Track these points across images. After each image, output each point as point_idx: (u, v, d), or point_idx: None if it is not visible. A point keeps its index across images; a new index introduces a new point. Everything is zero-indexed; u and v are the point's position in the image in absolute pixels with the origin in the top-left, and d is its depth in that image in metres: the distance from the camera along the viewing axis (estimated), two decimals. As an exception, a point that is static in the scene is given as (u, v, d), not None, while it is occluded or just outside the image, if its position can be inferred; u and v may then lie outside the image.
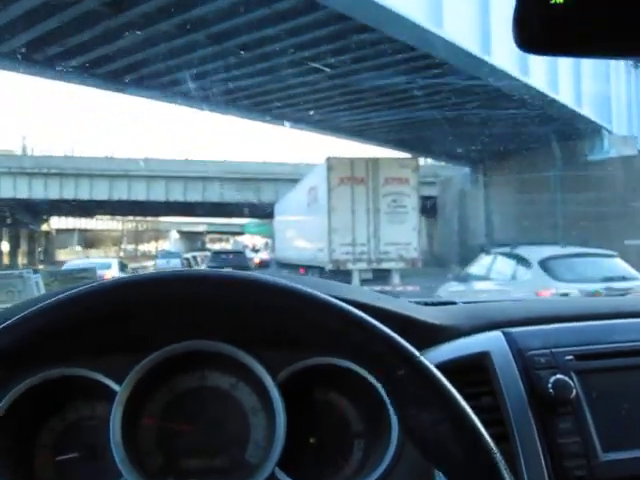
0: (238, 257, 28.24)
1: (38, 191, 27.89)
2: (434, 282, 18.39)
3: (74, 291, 0.79)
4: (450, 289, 10.62)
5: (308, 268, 22.24)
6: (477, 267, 10.94)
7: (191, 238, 74.41)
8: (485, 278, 10.22)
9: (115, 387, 1.08)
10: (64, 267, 19.22)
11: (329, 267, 19.58)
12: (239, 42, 14.10)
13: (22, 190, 27.80)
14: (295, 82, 17.30)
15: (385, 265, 19.77)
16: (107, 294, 0.80)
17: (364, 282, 18.85)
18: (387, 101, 20.00)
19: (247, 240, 72.31)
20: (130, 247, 60.74)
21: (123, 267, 20.11)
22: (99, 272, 16.49)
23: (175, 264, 31.44)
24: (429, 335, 1.22)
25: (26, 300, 1.36)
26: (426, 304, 1.51)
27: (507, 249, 10.15)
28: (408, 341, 0.82)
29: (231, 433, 1.17)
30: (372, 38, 13.78)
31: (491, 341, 1.20)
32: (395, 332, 0.81)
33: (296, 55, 14.67)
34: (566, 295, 5.52)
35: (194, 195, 30.84)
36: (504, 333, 1.22)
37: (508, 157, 22.59)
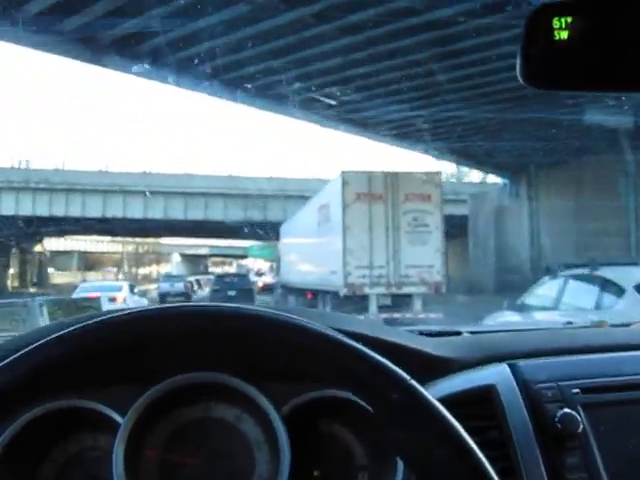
0: (242, 280, 28.04)
1: (25, 207, 25.95)
2: (467, 309, 17.26)
3: (80, 326, 0.81)
4: (500, 319, 8.59)
5: (317, 293, 21.02)
6: (540, 293, 8.90)
7: (193, 261, 72.64)
8: (552, 307, 8.18)
9: (118, 419, 1.07)
10: (79, 288, 19.98)
11: (344, 292, 17.58)
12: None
13: (8, 207, 25.77)
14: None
15: (406, 290, 17.70)
16: (116, 328, 0.82)
17: (382, 308, 17.12)
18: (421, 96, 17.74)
19: (251, 263, 71.06)
20: (131, 270, 58.86)
21: (132, 289, 19.88)
22: (111, 294, 17.36)
23: (179, 287, 31.69)
24: (433, 367, 1.21)
25: (31, 331, 1.28)
26: (430, 334, 1.51)
27: (584, 271, 8.07)
28: (410, 374, 0.83)
29: (235, 466, 1.16)
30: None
31: (497, 374, 1.20)
32: (397, 364, 0.83)
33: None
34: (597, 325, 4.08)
35: (196, 213, 28.82)
36: (510, 365, 1.22)
37: (562, 165, 19.92)
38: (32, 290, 32.03)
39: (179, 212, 29.04)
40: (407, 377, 0.82)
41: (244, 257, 69.51)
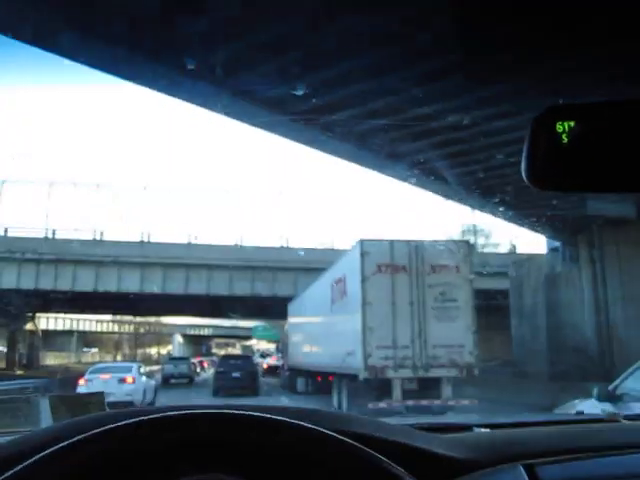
0: (245, 362, 27.13)
1: (9, 280, 23.75)
2: (512, 395, 15.15)
3: (75, 440, 0.85)
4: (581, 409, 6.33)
5: (327, 376, 19.38)
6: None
7: (196, 342, 70.15)
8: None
9: None
10: (91, 369, 19.75)
11: (364, 375, 15.29)
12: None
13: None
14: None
15: (433, 373, 15.41)
16: (112, 438, 0.86)
17: (407, 394, 14.96)
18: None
19: (255, 344, 68.75)
20: (131, 351, 56.31)
21: (139, 370, 19.78)
22: (121, 375, 18.01)
23: (183, 369, 32.30)
24: (443, 468, 1.17)
25: (34, 432, 1.30)
26: (438, 429, 1.49)
27: None
28: (415, 475, 0.87)
29: None
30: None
31: (512, 476, 1.18)
32: (406, 466, 0.87)
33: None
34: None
35: (197, 287, 26.50)
36: (524, 466, 1.19)
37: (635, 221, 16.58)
38: (20, 372, 29.70)
39: (179, 286, 26.75)
40: None
41: (248, 338, 67.26)
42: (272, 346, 69.11)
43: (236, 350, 69.55)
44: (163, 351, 61.49)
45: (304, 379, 24.85)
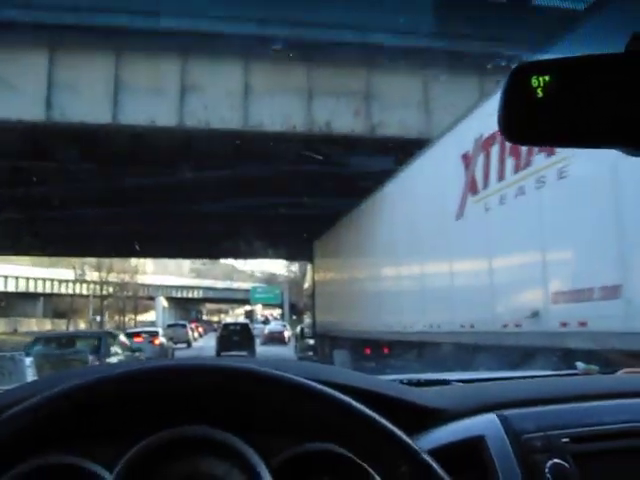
0: (243, 327, 29.50)
1: None
2: None
3: (68, 386, 0.85)
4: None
5: (376, 347, 14.14)
6: None
7: (184, 306, 60.19)
8: None
9: (106, 475, 1.06)
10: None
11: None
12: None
13: None
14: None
15: None
16: (104, 387, 0.86)
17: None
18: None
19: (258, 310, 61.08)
20: (105, 317, 46.44)
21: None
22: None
23: (181, 335, 34.32)
24: (420, 418, 1.21)
25: (20, 385, 1.30)
26: (418, 383, 1.55)
27: None
28: (398, 425, 0.86)
29: None
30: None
31: (486, 424, 1.20)
32: (385, 416, 0.86)
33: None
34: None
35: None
36: (499, 416, 1.22)
37: None
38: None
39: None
40: (418, 449, 0.84)
41: (244, 302, 58.38)
42: (276, 312, 61.72)
43: (229, 317, 63.01)
44: (145, 318, 51.99)
45: (347, 351, 16.87)
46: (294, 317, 30.52)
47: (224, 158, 14.07)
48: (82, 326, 41.63)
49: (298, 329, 27.20)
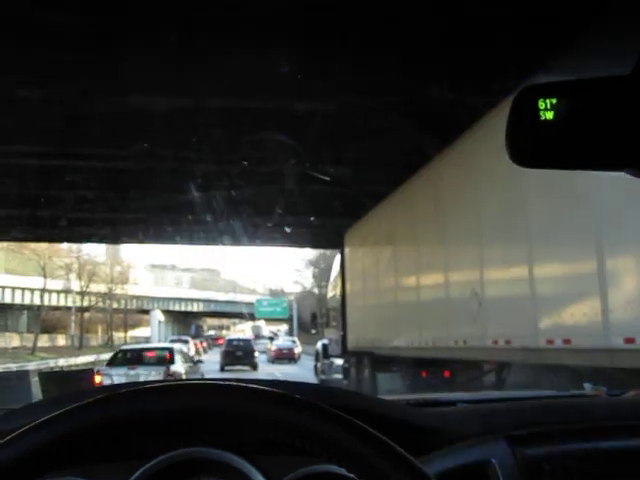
0: (246, 343, 31.93)
1: None
2: None
3: (68, 409, 0.84)
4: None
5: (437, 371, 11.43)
6: None
7: (182, 320, 55.08)
8: None
9: None
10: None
11: None
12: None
13: None
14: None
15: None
16: (103, 408, 0.85)
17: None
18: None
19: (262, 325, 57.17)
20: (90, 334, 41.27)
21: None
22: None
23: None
24: (427, 440, 1.21)
25: (25, 407, 1.31)
26: (425, 404, 1.57)
27: None
28: (404, 447, 0.86)
29: None
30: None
31: (494, 448, 1.20)
32: (391, 438, 0.85)
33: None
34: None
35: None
36: (507, 438, 1.22)
37: None
38: None
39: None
40: (414, 461, 0.84)
41: (250, 317, 53.67)
42: (283, 327, 57.77)
43: (232, 333, 59.05)
44: (136, 334, 47.06)
45: (397, 374, 13.13)
46: (314, 331, 25.43)
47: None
48: (61, 342, 36.63)
49: (318, 346, 22.09)
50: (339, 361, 18.35)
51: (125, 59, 7.44)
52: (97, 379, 15.04)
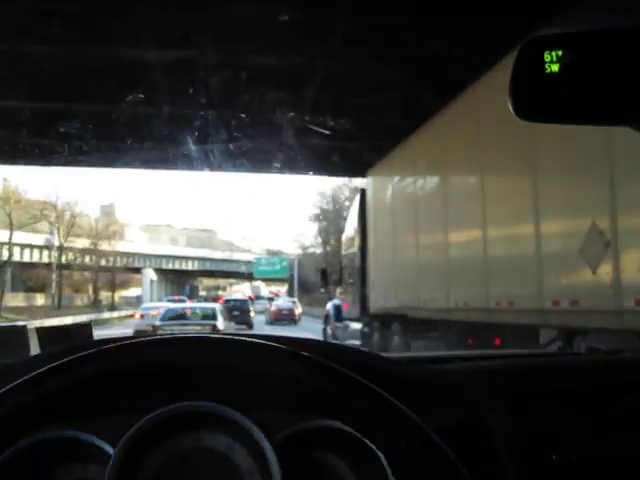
0: (242, 303, 33.40)
1: None
2: None
3: (68, 359, 0.87)
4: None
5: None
6: None
7: (175, 280, 52.45)
8: None
9: (109, 449, 1.05)
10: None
11: None
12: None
13: None
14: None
15: None
16: (103, 359, 0.88)
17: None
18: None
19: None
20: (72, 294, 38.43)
21: None
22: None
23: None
24: (427, 396, 1.19)
25: (22, 360, 1.30)
26: (427, 360, 1.59)
27: None
28: (405, 403, 0.88)
29: None
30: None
31: (492, 404, 1.23)
32: (392, 394, 0.88)
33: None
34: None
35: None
36: (506, 395, 1.26)
37: None
38: None
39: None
40: (423, 424, 0.84)
41: (248, 277, 51.44)
42: (283, 289, 56.32)
43: (226, 293, 56.95)
44: (128, 293, 44.43)
45: (435, 342, 10.62)
46: (322, 291, 22.82)
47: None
48: (40, 302, 33.79)
49: (329, 307, 19.25)
50: (356, 325, 15.63)
51: (125, 11, 7.36)
52: (136, 315, 20.68)
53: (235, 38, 8.08)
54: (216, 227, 68.22)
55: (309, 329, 24.67)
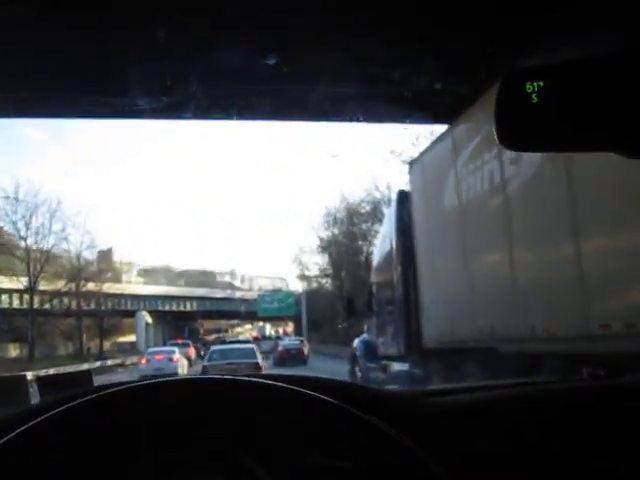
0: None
1: None
2: None
3: (66, 406, 0.90)
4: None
5: None
6: None
7: (173, 323, 48.71)
8: None
9: None
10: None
11: None
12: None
13: None
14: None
15: None
16: (101, 409, 0.91)
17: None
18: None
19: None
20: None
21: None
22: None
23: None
24: (425, 429, 1.23)
25: (21, 410, 1.30)
26: (434, 394, 1.56)
27: None
28: (408, 435, 0.91)
29: None
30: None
31: (490, 435, 1.26)
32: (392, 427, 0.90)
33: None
34: None
35: None
36: (504, 426, 1.29)
37: None
38: None
39: None
40: (428, 462, 0.85)
41: (253, 317, 48.23)
42: (289, 329, 53.84)
43: (227, 335, 55.63)
44: (120, 339, 40.88)
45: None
46: (345, 325, 20.01)
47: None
48: (14, 353, 30.00)
49: (356, 344, 15.70)
50: (400, 365, 12.07)
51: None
52: (143, 361, 24.27)
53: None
54: (215, 266, 65.62)
55: (322, 370, 21.21)
